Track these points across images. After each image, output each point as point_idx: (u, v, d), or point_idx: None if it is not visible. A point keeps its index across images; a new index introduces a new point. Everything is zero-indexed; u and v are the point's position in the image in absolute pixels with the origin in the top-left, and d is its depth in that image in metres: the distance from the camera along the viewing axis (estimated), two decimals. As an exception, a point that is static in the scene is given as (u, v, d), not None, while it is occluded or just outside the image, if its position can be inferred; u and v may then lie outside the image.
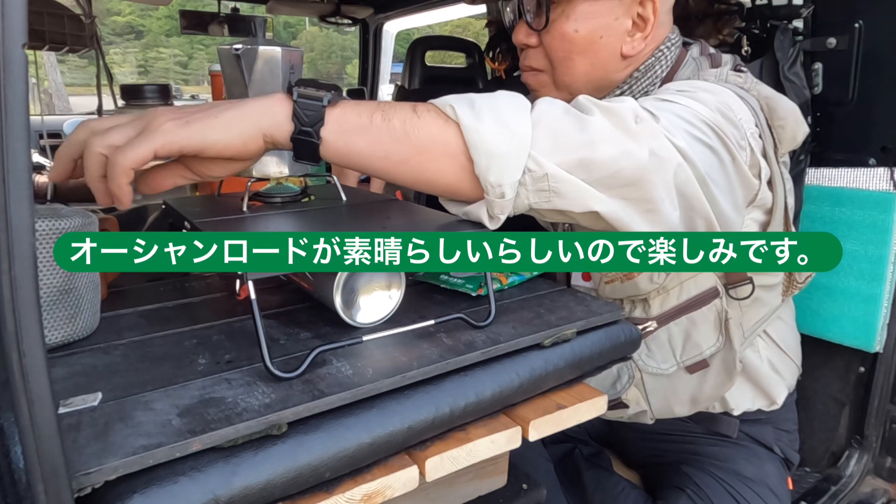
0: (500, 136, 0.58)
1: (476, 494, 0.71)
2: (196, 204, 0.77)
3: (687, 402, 0.91)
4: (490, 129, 0.58)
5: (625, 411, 0.93)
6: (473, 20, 5.28)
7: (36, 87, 1.94)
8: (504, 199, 0.60)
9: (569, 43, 0.82)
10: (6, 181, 0.31)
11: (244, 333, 0.60)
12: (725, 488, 0.92)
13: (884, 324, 1.08)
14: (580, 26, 0.81)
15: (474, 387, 0.56)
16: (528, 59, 0.88)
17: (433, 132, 0.59)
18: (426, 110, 0.60)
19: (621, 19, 0.81)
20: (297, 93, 0.56)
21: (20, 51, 0.31)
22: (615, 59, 0.83)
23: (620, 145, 0.61)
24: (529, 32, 0.85)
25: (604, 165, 0.61)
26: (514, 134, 0.59)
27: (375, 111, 0.58)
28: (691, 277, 0.86)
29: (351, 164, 0.60)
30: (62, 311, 0.56)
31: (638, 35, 0.82)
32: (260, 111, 0.56)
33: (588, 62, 0.83)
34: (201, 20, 2.02)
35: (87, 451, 0.41)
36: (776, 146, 0.81)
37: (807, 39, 1.13)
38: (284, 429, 0.46)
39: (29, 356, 0.33)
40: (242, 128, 0.55)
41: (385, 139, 0.58)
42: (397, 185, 0.69)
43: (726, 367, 0.87)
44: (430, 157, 0.59)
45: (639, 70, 0.85)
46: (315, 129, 0.56)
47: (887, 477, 1.18)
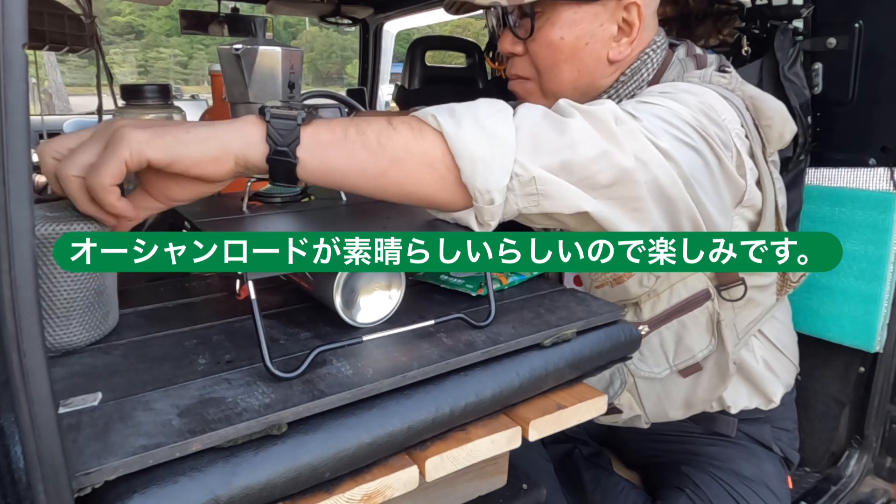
0: (484, 142, 0.58)
1: (476, 494, 0.71)
2: (196, 204, 0.77)
3: (681, 406, 0.91)
4: (473, 134, 0.58)
5: (619, 416, 0.93)
6: (473, 20, 5.28)
7: (36, 87, 1.94)
8: (493, 206, 0.60)
9: (555, 50, 0.81)
10: (6, 181, 0.31)
11: (244, 333, 0.60)
12: (724, 488, 0.92)
13: (884, 324, 1.08)
14: (565, 33, 0.80)
15: (474, 387, 0.56)
16: (514, 67, 0.87)
17: (409, 142, 0.58)
18: (402, 122, 0.59)
19: (606, 25, 0.80)
20: (270, 113, 0.55)
21: (20, 51, 0.31)
22: (602, 64, 0.83)
23: (600, 146, 0.62)
24: (515, 41, 0.84)
25: (585, 166, 0.61)
26: (498, 138, 0.59)
27: (349, 126, 0.58)
28: (681, 280, 0.86)
29: (328, 182, 0.59)
30: (99, 311, 0.57)
31: (624, 40, 0.82)
32: (232, 133, 0.55)
33: (575, 69, 0.83)
34: (201, 20, 2.02)
35: (87, 451, 0.41)
36: (764, 146, 0.81)
37: (807, 39, 1.12)
38: (284, 429, 0.46)
39: (29, 356, 0.33)
40: (212, 146, 0.54)
41: (360, 152, 0.57)
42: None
43: (720, 370, 0.87)
44: (407, 167, 0.59)
45: (625, 74, 0.85)
46: (290, 147, 0.55)
47: (887, 477, 1.18)
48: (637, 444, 1.06)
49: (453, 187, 0.60)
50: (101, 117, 1.44)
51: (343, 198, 0.76)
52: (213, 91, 0.96)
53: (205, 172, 0.54)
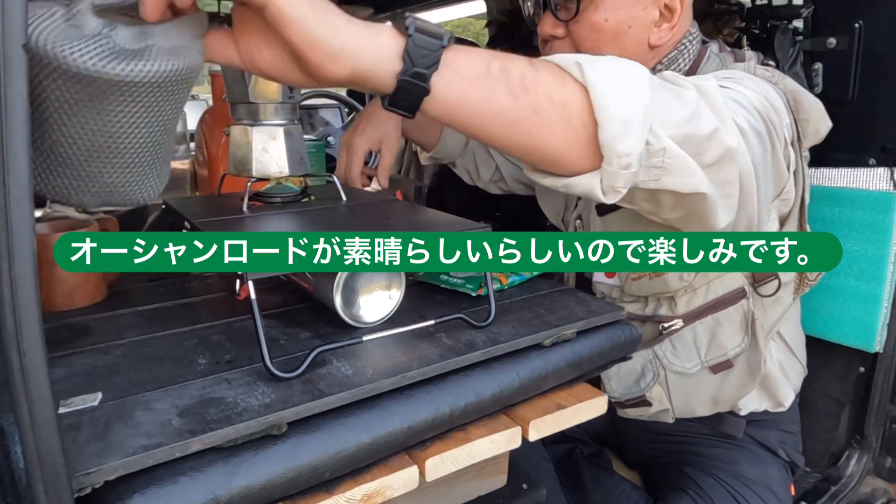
0: (630, 102, 0.52)
1: (476, 494, 0.71)
2: (196, 204, 0.77)
3: (708, 402, 0.91)
4: (621, 93, 0.52)
5: (647, 409, 0.93)
6: (473, 20, 5.27)
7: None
8: (629, 171, 0.53)
9: (598, 32, 0.82)
10: (6, 181, 0.31)
11: (244, 333, 0.60)
12: (728, 490, 0.91)
13: (884, 324, 1.08)
14: (609, 16, 0.81)
15: (474, 387, 0.56)
16: (553, 49, 0.87)
17: (552, 90, 0.52)
18: (544, 66, 0.53)
19: (649, 9, 0.81)
20: (414, 26, 0.47)
21: (20, 51, 0.31)
22: (643, 49, 0.83)
23: (713, 122, 0.57)
24: (556, 23, 0.85)
25: (700, 142, 0.56)
26: (640, 101, 0.53)
27: (493, 59, 0.51)
28: (718, 277, 0.86)
29: (452, 121, 0.52)
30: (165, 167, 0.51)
31: (665, 25, 0.83)
32: (363, 38, 0.47)
33: (616, 52, 0.82)
34: (201, 20, 2.01)
35: (87, 451, 0.41)
36: (800, 140, 0.82)
37: (807, 39, 1.12)
38: (284, 429, 0.46)
39: (29, 356, 0.33)
40: (338, 41, 0.46)
41: (501, 94, 0.51)
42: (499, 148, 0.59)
43: (750, 369, 0.87)
44: (545, 118, 0.52)
45: (662, 63, 0.85)
46: (429, 71, 0.47)
47: (887, 477, 1.18)
48: (639, 443, 1.06)
49: (584, 146, 0.54)
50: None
51: (343, 197, 0.76)
52: (213, 91, 0.96)
53: (313, 60, 0.46)
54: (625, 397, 0.92)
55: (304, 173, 0.76)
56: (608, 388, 0.92)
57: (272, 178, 0.75)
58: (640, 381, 0.90)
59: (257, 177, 0.73)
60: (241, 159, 0.73)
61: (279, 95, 0.72)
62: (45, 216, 0.75)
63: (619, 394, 0.92)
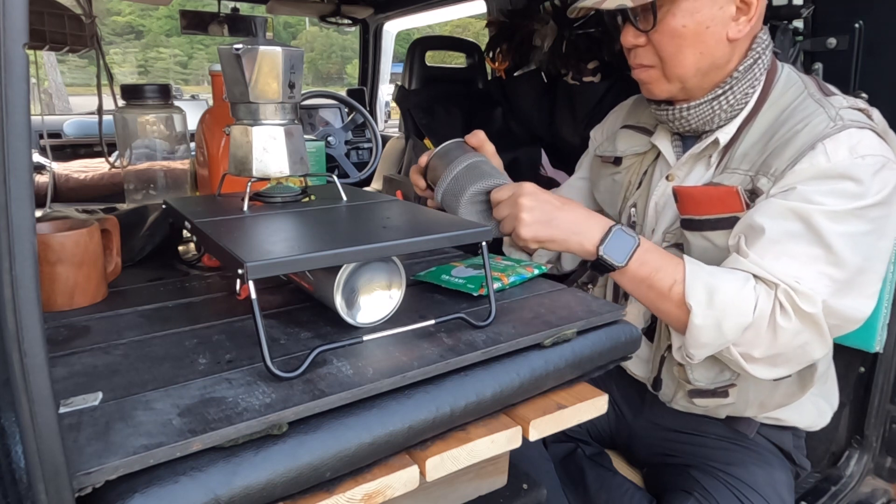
0: (713, 335, 0.78)
1: (476, 494, 0.71)
2: (196, 204, 0.77)
3: (756, 406, 0.91)
4: (709, 328, 0.78)
5: (721, 401, 0.91)
6: (473, 20, 5.27)
7: (36, 87, 1.94)
8: (692, 361, 0.83)
9: (678, 38, 0.84)
10: (7, 181, 0.31)
11: (244, 333, 0.60)
12: (734, 493, 0.91)
13: (884, 324, 1.08)
14: (687, 21, 0.83)
15: (475, 386, 0.56)
16: (637, 57, 0.91)
17: (671, 308, 0.81)
18: (676, 282, 0.80)
19: (725, 7, 0.83)
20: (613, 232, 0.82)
21: (21, 51, 0.31)
22: (722, 44, 0.85)
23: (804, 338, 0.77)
24: (637, 34, 0.88)
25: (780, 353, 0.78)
26: (723, 335, 0.78)
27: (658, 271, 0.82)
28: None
29: (623, 284, 0.84)
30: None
31: (742, 18, 0.84)
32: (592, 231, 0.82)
33: (697, 52, 0.85)
34: (201, 20, 2.02)
35: (88, 451, 0.41)
36: None
37: (807, 39, 1.13)
38: (285, 428, 0.46)
39: (30, 356, 0.33)
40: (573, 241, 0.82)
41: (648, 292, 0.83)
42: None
43: (802, 379, 0.89)
44: (665, 308, 0.82)
45: (738, 70, 0.87)
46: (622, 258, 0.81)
47: (887, 477, 1.18)
48: (645, 441, 1.05)
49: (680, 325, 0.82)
50: (101, 117, 1.44)
51: (343, 198, 0.76)
52: (214, 91, 0.96)
53: (558, 248, 0.84)
54: (713, 384, 0.90)
55: (304, 173, 0.76)
56: (690, 378, 0.89)
57: (272, 178, 0.75)
58: (724, 373, 0.89)
59: (257, 177, 0.73)
60: (242, 159, 0.73)
61: (279, 95, 0.72)
62: (45, 216, 0.75)
63: (704, 383, 0.90)
